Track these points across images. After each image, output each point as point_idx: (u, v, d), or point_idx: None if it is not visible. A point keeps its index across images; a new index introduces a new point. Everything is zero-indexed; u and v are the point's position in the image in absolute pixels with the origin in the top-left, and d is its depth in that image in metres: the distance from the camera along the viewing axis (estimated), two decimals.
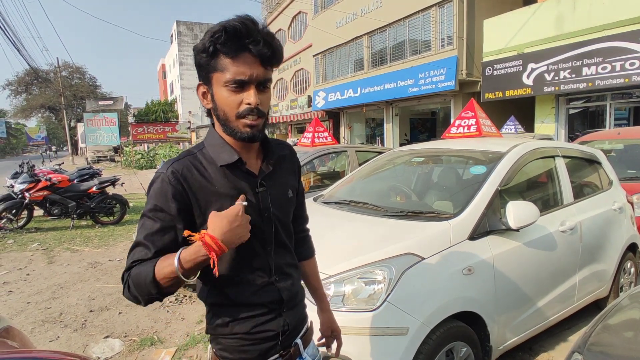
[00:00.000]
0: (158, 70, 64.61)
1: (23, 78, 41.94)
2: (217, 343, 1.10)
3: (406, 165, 3.38)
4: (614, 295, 3.25)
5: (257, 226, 1.04)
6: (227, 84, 0.95)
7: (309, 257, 1.36)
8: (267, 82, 0.99)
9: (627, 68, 8.21)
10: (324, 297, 1.39)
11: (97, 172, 10.18)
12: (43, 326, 3.45)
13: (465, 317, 2.10)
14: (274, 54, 0.97)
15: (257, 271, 1.07)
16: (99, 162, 27.30)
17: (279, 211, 1.11)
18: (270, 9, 25.90)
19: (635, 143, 5.22)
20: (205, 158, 1.04)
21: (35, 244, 6.25)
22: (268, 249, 1.09)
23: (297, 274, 1.20)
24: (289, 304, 1.13)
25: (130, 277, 0.95)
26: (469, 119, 3.76)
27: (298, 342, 1.17)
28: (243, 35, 0.93)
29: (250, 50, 0.94)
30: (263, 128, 1.02)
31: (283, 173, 1.15)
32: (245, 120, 0.97)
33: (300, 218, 1.31)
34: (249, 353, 1.07)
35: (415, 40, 13.60)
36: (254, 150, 1.08)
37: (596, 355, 1.53)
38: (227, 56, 0.94)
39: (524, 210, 2.24)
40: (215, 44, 0.93)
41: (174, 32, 48.04)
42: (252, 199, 1.04)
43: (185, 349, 3.00)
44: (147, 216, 0.99)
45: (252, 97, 0.95)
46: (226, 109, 0.98)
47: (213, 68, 0.96)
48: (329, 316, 1.38)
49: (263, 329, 1.07)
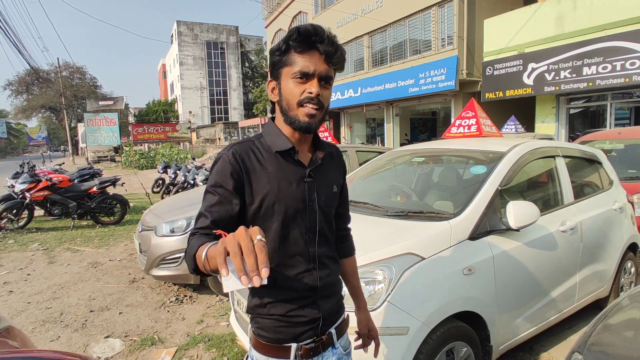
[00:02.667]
0: (158, 70, 64.64)
1: (24, 78, 42.00)
2: (255, 322, 1.18)
3: (406, 165, 3.38)
4: (615, 295, 3.25)
5: (300, 215, 1.13)
6: (294, 75, 1.07)
7: (349, 255, 1.41)
8: (329, 80, 1.10)
9: (628, 68, 8.20)
10: (362, 295, 1.43)
11: (97, 172, 10.20)
12: (44, 326, 3.45)
13: (466, 317, 2.10)
14: (336, 52, 1.08)
15: (296, 257, 1.14)
16: (99, 162, 27.30)
17: (323, 203, 1.18)
18: (271, 9, 25.89)
19: (636, 143, 5.21)
20: (262, 145, 1.14)
21: (35, 244, 6.26)
22: (309, 237, 1.15)
23: (335, 266, 1.26)
24: (324, 292, 1.18)
25: (188, 245, 1.04)
26: (470, 119, 3.76)
27: (332, 331, 1.22)
28: (311, 34, 1.05)
29: (317, 48, 1.06)
30: (320, 121, 1.11)
31: (330, 169, 1.25)
32: (304, 109, 1.07)
33: (343, 216, 1.37)
34: (283, 334, 1.14)
35: (416, 40, 13.60)
36: (306, 144, 1.18)
37: (596, 355, 1.53)
38: (296, 51, 1.06)
39: (524, 210, 2.24)
40: (288, 42, 1.06)
41: (175, 32, 48.08)
42: (299, 187, 1.13)
43: (185, 349, 3.00)
44: (209, 191, 1.11)
45: (314, 87, 1.06)
46: (290, 98, 1.08)
47: (284, 63, 1.09)
48: (365, 315, 1.42)
49: (297, 314, 1.14)
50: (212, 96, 49.28)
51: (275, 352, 1.14)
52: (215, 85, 49.36)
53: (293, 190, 1.11)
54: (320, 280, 1.16)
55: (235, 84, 50.02)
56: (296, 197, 1.12)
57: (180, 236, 3.96)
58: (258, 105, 38.47)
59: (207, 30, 48.34)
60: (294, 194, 1.11)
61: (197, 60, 47.96)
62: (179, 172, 9.82)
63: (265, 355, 1.15)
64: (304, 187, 1.13)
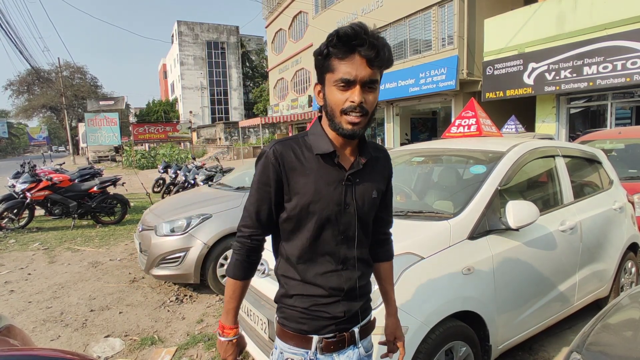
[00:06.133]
0: (159, 70, 64.67)
1: (25, 78, 42.05)
2: (280, 312, 1.22)
3: (406, 165, 3.38)
4: (615, 295, 3.24)
5: (334, 217, 1.14)
6: (336, 82, 1.05)
7: (385, 260, 1.40)
8: (373, 83, 1.07)
9: (629, 67, 8.19)
10: (393, 302, 1.42)
11: (98, 171, 10.22)
12: (44, 325, 3.46)
13: (465, 317, 2.10)
14: (378, 56, 1.04)
15: (326, 256, 1.17)
16: (100, 162, 27.34)
17: (360, 207, 1.17)
18: (271, 9, 25.90)
19: (636, 142, 5.21)
20: (305, 144, 1.16)
21: (36, 243, 6.27)
22: (341, 239, 1.17)
23: (367, 270, 1.26)
24: (349, 294, 1.19)
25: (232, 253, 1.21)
26: (469, 119, 3.76)
27: (355, 330, 1.22)
28: (351, 38, 1.02)
29: (358, 52, 1.03)
30: (365, 126, 1.10)
31: (373, 174, 1.22)
32: (348, 117, 1.06)
33: (383, 220, 1.35)
34: (305, 325, 1.17)
35: (416, 40, 13.59)
36: (350, 147, 1.17)
37: (595, 354, 1.52)
38: (337, 57, 1.04)
39: (523, 210, 2.23)
40: (329, 47, 1.05)
41: (175, 32, 48.08)
42: (336, 190, 1.14)
43: (185, 349, 3.00)
44: (253, 187, 1.17)
45: (356, 95, 1.04)
46: (333, 106, 1.08)
47: (326, 69, 1.08)
48: (393, 321, 1.41)
49: (320, 310, 1.16)
50: (213, 96, 49.28)
51: (298, 341, 1.18)
52: (216, 85, 49.36)
53: (330, 192, 1.12)
54: (348, 281, 1.18)
55: (235, 83, 50.02)
56: (332, 200, 1.13)
57: (180, 236, 3.97)
58: (258, 105, 38.50)
59: (208, 30, 48.34)
60: (330, 196, 1.12)
61: (197, 60, 47.96)
62: (180, 172, 9.83)
63: (287, 343, 1.19)
64: (342, 190, 1.14)
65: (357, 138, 1.13)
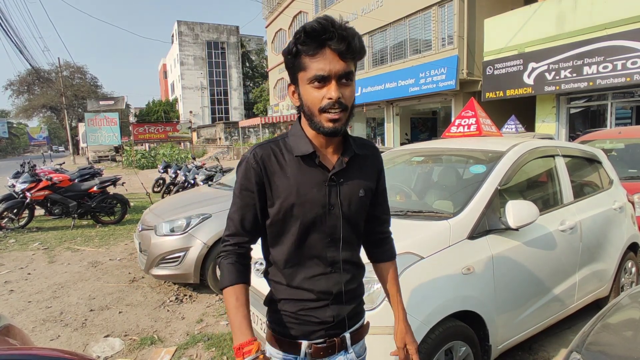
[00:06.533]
0: (159, 70, 64.68)
1: (25, 78, 42.06)
2: (269, 316, 1.20)
3: (406, 165, 3.37)
4: (615, 295, 3.24)
5: (319, 219, 1.10)
6: (310, 81, 1.02)
7: (385, 260, 1.32)
8: (348, 75, 1.03)
9: (629, 67, 8.19)
10: (400, 305, 1.30)
11: (98, 171, 10.22)
12: (44, 325, 3.46)
13: (465, 317, 2.10)
14: (350, 47, 1.00)
15: (314, 259, 1.13)
16: (100, 162, 27.33)
17: (346, 208, 1.13)
18: (271, 9, 25.89)
19: (636, 142, 5.20)
20: (286, 146, 1.12)
21: (36, 243, 6.27)
22: (328, 241, 1.13)
23: (358, 272, 1.21)
24: (338, 298, 1.15)
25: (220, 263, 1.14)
26: (469, 119, 3.75)
27: (346, 335, 1.18)
28: (319, 33, 0.98)
29: (329, 46, 0.99)
30: (346, 122, 1.06)
31: (360, 172, 1.17)
32: (327, 115, 1.02)
33: (379, 219, 1.30)
34: (294, 330, 1.14)
35: (416, 40, 13.59)
36: (333, 146, 1.13)
37: (594, 354, 1.52)
38: (307, 54, 1.00)
39: (523, 210, 2.23)
40: (297, 45, 1.01)
41: (175, 32, 48.08)
42: (320, 192, 1.10)
43: (185, 348, 3.00)
44: (235, 194, 1.14)
45: (332, 91, 1.01)
46: (311, 105, 1.04)
47: (298, 68, 1.04)
48: (402, 326, 1.29)
49: (308, 314, 1.13)
50: (213, 96, 49.29)
51: (287, 346, 1.15)
52: (216, 85, 49.36)
53: (313, 194, 1.08)
54: (336, 285, 1.14)
55: (235, 83, 50.02)
56: (316, 202, 1.09)
57: (180, 235, 3.97)
58: (258, 105, 38.51)
59: (208, 30, 48.34)
60: (313, 199, 1.08)
61: (197, 60, 47.97)
62: (180, 171, 9.83)
63: (276, 348, 1.16)
64: (325, 192, 1.10)
65: (339, 135, 1.09)
